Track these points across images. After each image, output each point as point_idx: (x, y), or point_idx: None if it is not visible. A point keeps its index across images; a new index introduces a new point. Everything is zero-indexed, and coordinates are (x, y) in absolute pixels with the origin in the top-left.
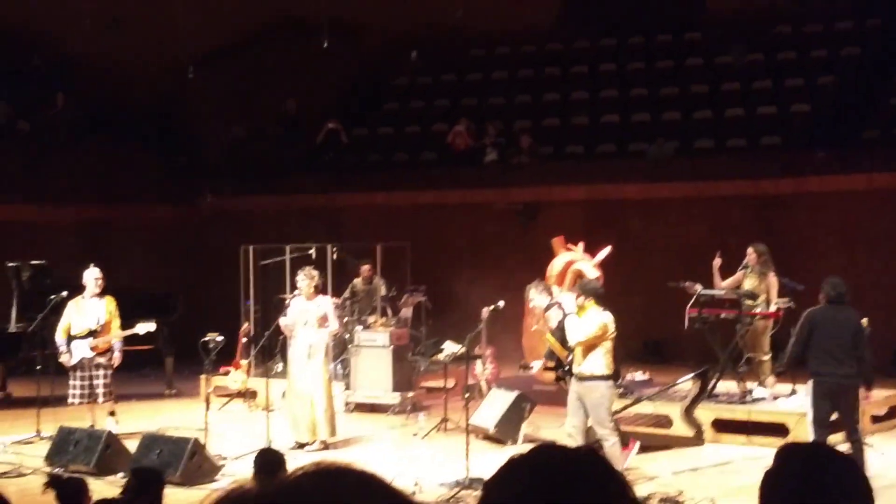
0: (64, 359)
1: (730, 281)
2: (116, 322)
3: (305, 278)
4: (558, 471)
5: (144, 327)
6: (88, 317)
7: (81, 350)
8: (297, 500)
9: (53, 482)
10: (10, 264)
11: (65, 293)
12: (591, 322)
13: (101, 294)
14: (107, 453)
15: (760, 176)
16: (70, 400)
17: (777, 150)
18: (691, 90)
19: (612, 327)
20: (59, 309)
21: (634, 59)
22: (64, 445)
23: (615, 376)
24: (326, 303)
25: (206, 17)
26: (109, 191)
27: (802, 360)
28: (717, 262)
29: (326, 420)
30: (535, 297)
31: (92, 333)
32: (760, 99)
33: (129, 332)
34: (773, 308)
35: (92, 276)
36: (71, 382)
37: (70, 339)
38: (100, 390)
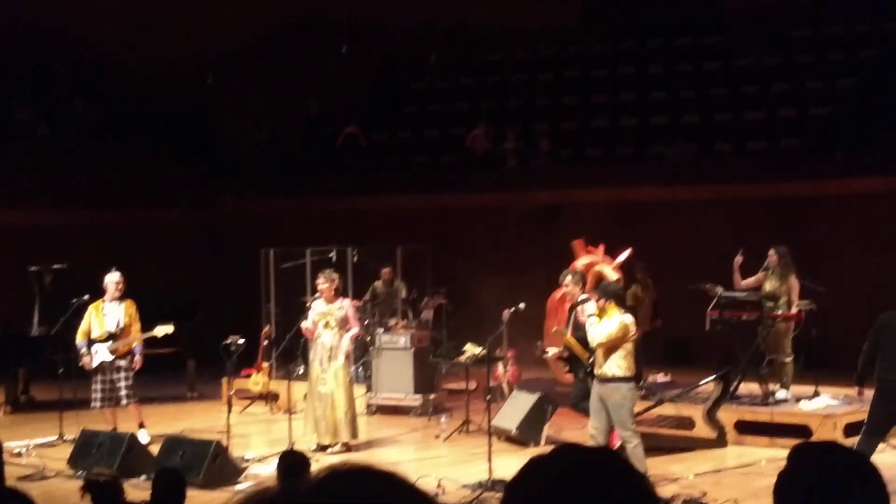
0: (84, 361)
1: (750, 281)
2: (137, 325)
3: (326, 281)
4: (580, 471)
5: (163, 330)
6: (108, 320)
7: (102, 354)
8: (321, 500)
9: (89, 486)
10: (32, 268)
11: (86, 297)
12: (612, 323)
13: (122, 298)
14: (129, 456)
15: (780, 179)
16: (92, 404)
17: (797, 152)
18: (711, 93)
19: (633, 329)
20: (80, 313)
21: (654, 61)
22: (87, 448)
23: (637, 378)
24: (347, 305)
25: (226, 20)
26: (131, 194)
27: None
28: (739, 259)
29: (347, 422)
30: (571, 285)
31: (112, 337)
32: (780, 102)
33: (147, 335)
34: (794, 310)
35: (112, 280)
36: (93, 386)
37: (90, 342)
38: (122, 393)
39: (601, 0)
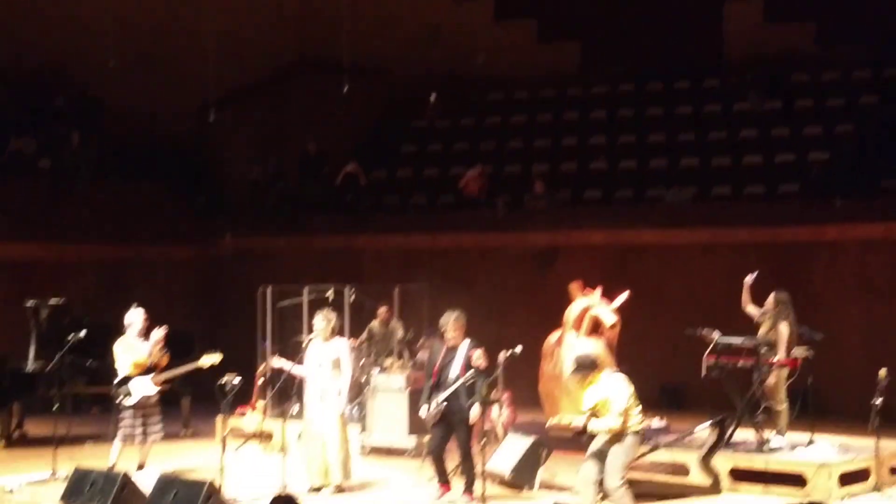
0: (128, 399)
1: (755, 312)
2: (166, 359)
3: (323, 320)
4: None
5: (209, 360)
6: (141, 354)
7: (145, 387)
8: None
9: None
10: (29, 303)
11: (82, 333)
12: (617, 400)
13: (146, 334)
14: (122, 495)
15: (778, 224)
16: (121, 441)
17: (795, 197)
18: (709, 136)
19: (631, 390)
20: (76, 349)
21: (653, 104)
22: (79, 486)
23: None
24: (342, 346)
25: (227, 58)
26: (129, 230)
27: None
28: (749, 279)
29: (340, 463)
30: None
31: (149, 371)
32: (778, 146)
33: (194, 365)
34: (781, 355)
35: (138, 317)
36: (127, 422)
37: (125, 378)
38: (156, 428)
39: (601, 42)
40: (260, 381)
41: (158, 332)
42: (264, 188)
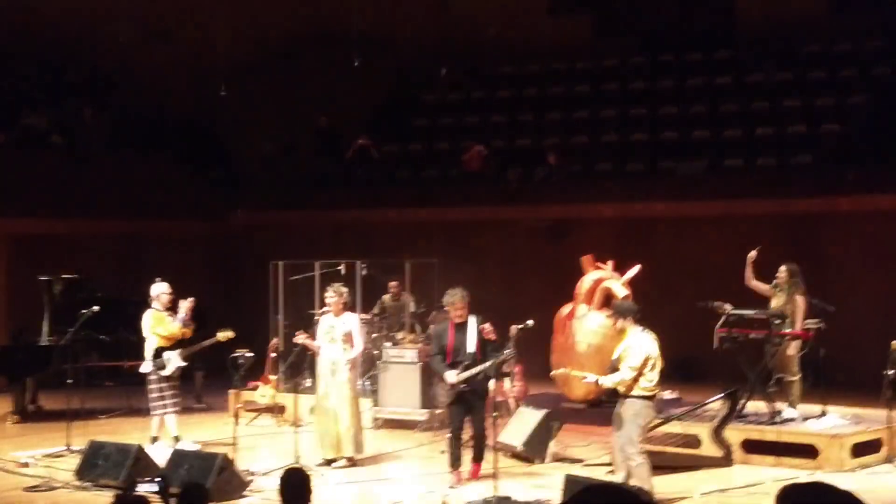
0: (167, 371)
1: (762, 287)
2: (189, 332)
3: (334, 295)
4: None
5: (225, 335)
6: (173, 328)
7: (176, 360)
8: None
9: (120, 501)
10: (42, 278)
11: (96, 308)
12: (635, 354)
13: (172, 308)
14: (136, 468)
15: (790, 195)
16: (161, 411)
17: (807, 169)
18: (721, 108)
19: (654, 353)
20: (90, 323)
21: (665, 77)
22: (94, 459)
23: (654, 396)
24: (353, 321)
25: (239, 32)
26: (142, 205)
27: None
28: (753, 254)
29: (351, 437)
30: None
31: (180, 344)
32: (791, 118)
33: (213, 341)
34: (798, 327)
35: (163, 291)
36: (163, 394)
37: (159, 350)
38: (177, 401)
39: (613, 15)
40: (272, 355)
41: (187, 303)
42: (276, 162)
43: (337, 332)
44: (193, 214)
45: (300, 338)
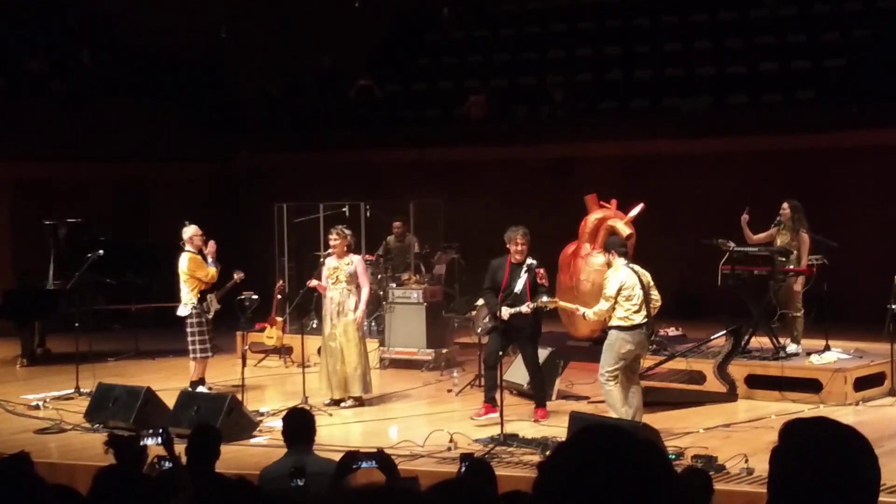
0: (212, 314)
1: (762, 236)
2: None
3: (338, 237)
4: (606, 456)
5: (239, 276)
6: (211, 270)
7: (214, 304)
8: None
9: (113, 441)
10: (47, 222)
11: (100, 251)
12: (610, 284)
13: (201, 251)
14: (145, 410)
15: (795, 131)
16: (202, 355)
17: (812, 104)
18: (725, 44)
19: (630, 283)
20: (95, 267)
21: (668, 13)
22: (103, 402)
23: (650, 332)
24: (356, 261)
25: None
26: (145, 148)
27: None
28: (746, 217)
29: (358, 377)
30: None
31: (214, 288)
32: (795, 53)
33: (232, 283)
34: (803, 264)
35: (195, 233)
36: (204, 337)
37: (203, 294)
38: (211, 344)
39: None
40: (278, 297)
41: (212, 245)
42: (278, 104)
43: (341, 273)
44: (196, 157)
45: (313, 283)
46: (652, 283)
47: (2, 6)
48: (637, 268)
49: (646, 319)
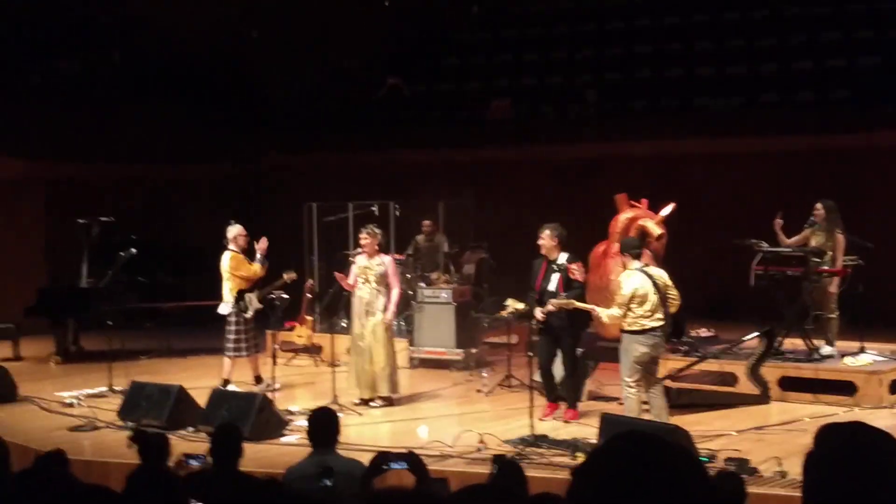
0: (250, 313)
1: (795, 239)
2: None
3: (368, 236)
4: (640, 463)
5: (290, 276)
6: (254, 269)
7: (255, 303)
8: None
9: (137, 437)
10: (80, 221)
11: (133, 251)
12: (622, 289)
13: (246, 249)
14: (177, 408)
15: (828, 131)
16: (234, 354)
17: (846, 104)
18: (757, 43)
19: (643, 288)
20: (128, 266)
21: (699, 11)
22: (136, 400)
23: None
24: (387, 261)
25: None
26: (174, 149)
27: None
28: (779, 221)
29: (386, 377)
30: (547, 238)
31: (255, 287)
32: (829, 51)
33: (280, 282)
34: (839, 265)
35: (239, 233)
36: (239, 336)
37: (241, 292)
38: (257, 342)
39: None
40: (308, 296)
41: (264, 242)
42: (307, 104)
43: (371, 273)
44: (225, 157)
45: (339, 275)
46: (669, 283)
47: (35, 7)
48: (651, 270)
49: (661, 322)
